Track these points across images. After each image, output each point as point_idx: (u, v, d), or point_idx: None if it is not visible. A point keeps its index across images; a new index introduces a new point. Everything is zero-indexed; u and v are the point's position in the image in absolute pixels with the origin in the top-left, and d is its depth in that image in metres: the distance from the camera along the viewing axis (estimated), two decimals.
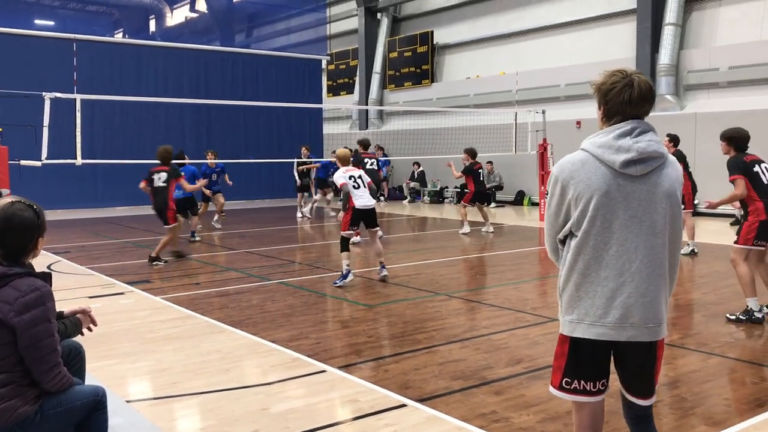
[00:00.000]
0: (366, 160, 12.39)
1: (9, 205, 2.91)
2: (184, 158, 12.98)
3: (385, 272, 8.48)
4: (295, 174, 16.57)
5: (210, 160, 14.12)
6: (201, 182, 11.60)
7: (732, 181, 6.24)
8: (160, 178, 9.98)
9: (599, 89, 2.59)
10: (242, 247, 11.62)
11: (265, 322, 6.49)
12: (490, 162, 19.49)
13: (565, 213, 2.60)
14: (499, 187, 19.76)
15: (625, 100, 2.52)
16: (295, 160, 16.66)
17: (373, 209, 8.45)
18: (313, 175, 16.74)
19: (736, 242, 6.34)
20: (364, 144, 12.90)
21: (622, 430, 3.87)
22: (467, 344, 5.68)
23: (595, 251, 2.53)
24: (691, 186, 10.15)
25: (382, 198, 21.15)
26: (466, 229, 13.11)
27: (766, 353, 5.54)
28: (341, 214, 8.35)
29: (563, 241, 2.66)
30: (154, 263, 9.85)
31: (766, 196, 6.16)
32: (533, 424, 3.99)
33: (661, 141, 2.57)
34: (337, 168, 8.65)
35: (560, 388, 2.64)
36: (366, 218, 8.43)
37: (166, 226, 10.13)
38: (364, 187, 8.41)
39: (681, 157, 9.79)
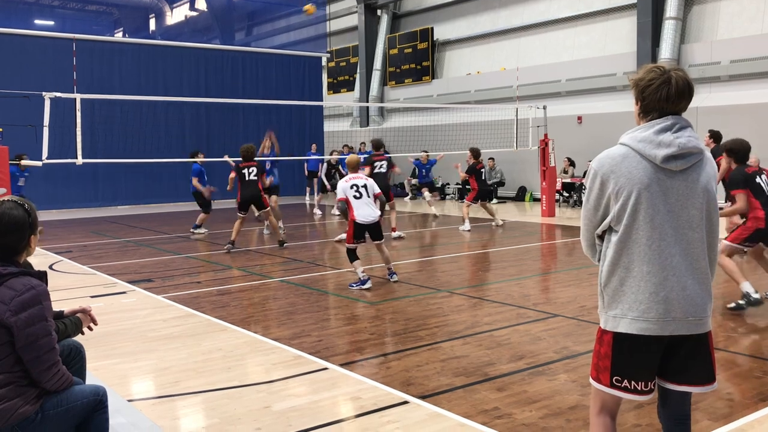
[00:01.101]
0: (376, 163, 12.28)
1: None
2: (198, 156, 13.38)
3: (395, 278, 8.19)
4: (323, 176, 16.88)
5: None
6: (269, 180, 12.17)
7: (733, 196, 6.55)
8: (251, 173, 11.08)
9: (637, 85, 2.59)
10: (242, 246, 11.61)
11: (267, 320, 6.48)
12: (491, 158, 19.47)
13: (604, 207, 2.60)
14: (501, 183, 19.73)
15: (662, 96, 2.52)
16: (325, 158, 16.81)
17: (377, 222, 7.93)
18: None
19: (725, 239, 6.71)
20: (376, 145, 12.77)
21: (623, 424, 3.86)
22: (469, 341, 5.67)
23: (638, 246, 2.53)
24: None
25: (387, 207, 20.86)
26: (467, 226, 13.11)
27: None
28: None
29: (600, 236, 2.66)
30: (284, 245, 11.19)
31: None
32: (536, 420, 3.98)
33: (700, 137, 2.56)
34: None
35: (611, 386, 2.61)
36: (370, 231, 7.95)
37: (263, 211, 11.50)
38: (368, 196, 7.90)
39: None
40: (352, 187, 7.91)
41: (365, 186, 7.95)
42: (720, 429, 3.83)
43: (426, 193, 16.53)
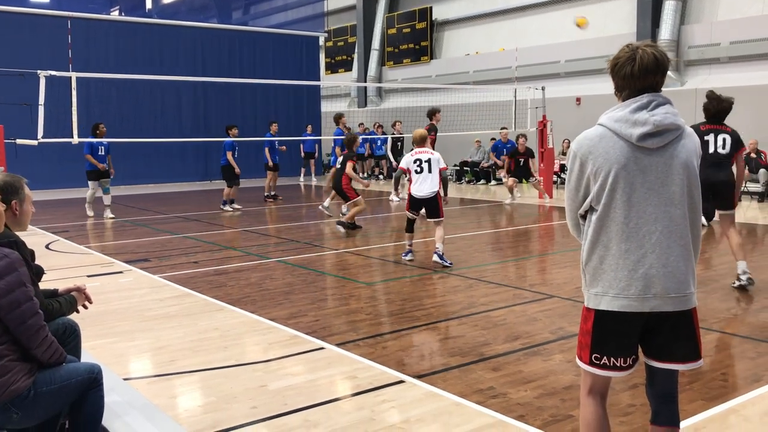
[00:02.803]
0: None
1: None
2: (232, 131, 13.79)
3: (436, 258, 7.86)
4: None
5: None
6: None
7: None
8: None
9: (609, 64, 2.63)
10: (240, 226, 11.61)
11: (263, 300, 6.49)
12: (493, 138, 19.41)
13: (584, 188, 2.62)
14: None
15: (627, 74, 2.54)
16: (387, 136, 16.58)
17: (432, 198, 7.95)
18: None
19: None
20: (430, 113, 13.26)
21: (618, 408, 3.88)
22: (465, 321, 5.68)
23: (616, 224, 2.54)
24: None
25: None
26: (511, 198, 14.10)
27: (763, 329, 5.54)
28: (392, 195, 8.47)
29: (584, 217, 2.68)
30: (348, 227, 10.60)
31: None
32: (531, 399, 4.00)
33: (678, 113, 2.55)
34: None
35: (590, 363, 2.64)
36: (426, 207, 8.05)
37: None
38: (428, 172, 7.95)
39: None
40: (415, 162, 8.02)
41: (428, 161, 8.00)
42: (713, 409, 3.85)
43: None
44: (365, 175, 20.76)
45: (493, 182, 19.16)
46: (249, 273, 7.79)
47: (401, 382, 4.30)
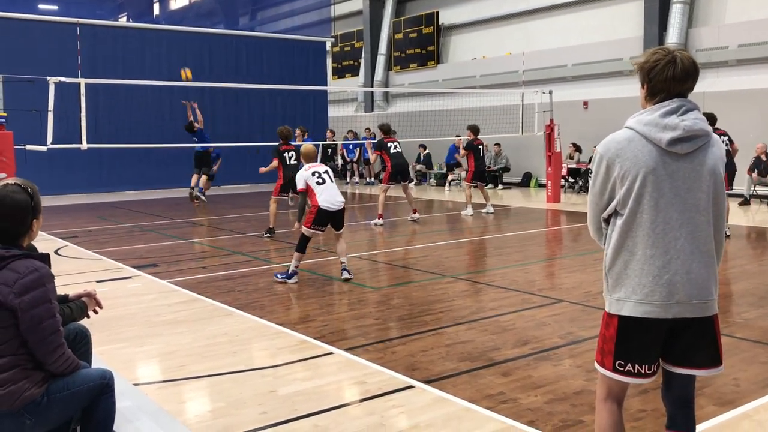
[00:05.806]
0: (389, 144, 12.28)
1: (2, 187, 2.89)
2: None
3: (346, 275, 7.46)
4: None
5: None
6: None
7: None
8: (291, 157, 10.72)
9: (642, 68, 2.58)
10: (248, 231, 11.63)
11: (272, 305, 6.49)
12: (497, 144, 19.39)
13: (610, 191, 2.59)
14: (506, 169, 19.66)
15: (669, 76, 2.51)
16: (320, 144, 15.98)
17: (341, 210, 7.42)
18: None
19: None
20: (385, 129, 12.65)
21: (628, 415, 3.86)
22: (474, 326, 5.67)
23: (642, 229, 2.52)
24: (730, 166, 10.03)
25: (412, 182, 20.48)
26: (470, 211, 13.09)
27: None
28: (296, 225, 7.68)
29: (607, 220, 2.66)
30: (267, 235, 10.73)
31: None
32: (540, 405, 3.98)
33: (705, 119, 2.54)
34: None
35: (614, 370, 2.61)
36: (332, 219, 7.40)
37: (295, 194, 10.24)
38: (331, 181, 7.41)
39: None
40: (314, 174, 7.40)
41: (327, 172, 7.49)
42: (725, 414, 3.83)
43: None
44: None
45: (500, 186, 19.14)
46: (257, 278, 7.80)
47: (410, 387, 4.29)
